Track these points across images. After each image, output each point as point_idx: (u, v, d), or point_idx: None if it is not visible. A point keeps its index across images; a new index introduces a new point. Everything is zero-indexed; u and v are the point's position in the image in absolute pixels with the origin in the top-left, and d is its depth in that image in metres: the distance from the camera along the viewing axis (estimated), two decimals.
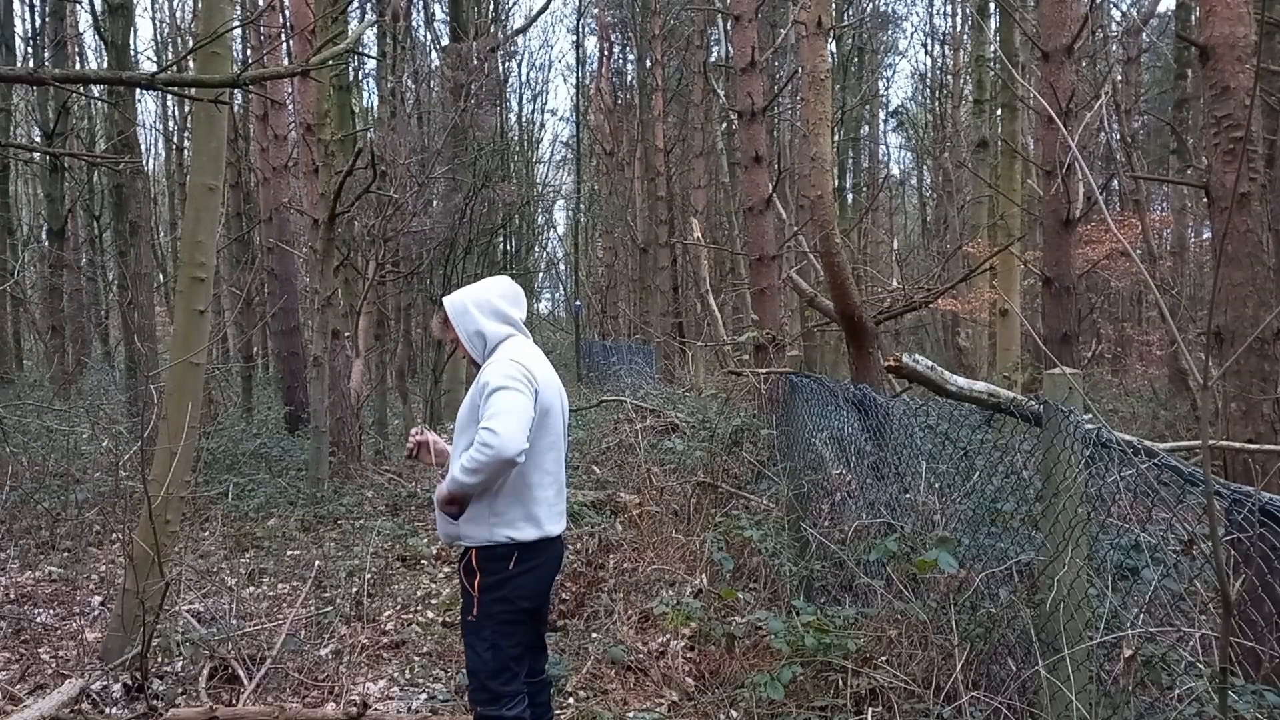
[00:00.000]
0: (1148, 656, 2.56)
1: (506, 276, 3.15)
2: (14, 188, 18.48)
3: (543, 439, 2.85)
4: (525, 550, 2.82)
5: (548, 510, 2.88)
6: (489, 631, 2.84)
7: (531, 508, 2.84)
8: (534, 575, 2.87)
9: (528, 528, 2.83)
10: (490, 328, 2.97)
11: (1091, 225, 12.78)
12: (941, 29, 26.11)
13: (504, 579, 2.82)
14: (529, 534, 2.83)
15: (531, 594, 2.88)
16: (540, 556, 2.87)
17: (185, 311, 4.49)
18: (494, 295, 3.02)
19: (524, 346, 2.96)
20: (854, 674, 3.40)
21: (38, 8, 16.80)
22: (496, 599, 2.82)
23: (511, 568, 2.81)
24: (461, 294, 3.06)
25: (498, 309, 2.99)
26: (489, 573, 2.82)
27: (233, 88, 4.23)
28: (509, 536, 2.80)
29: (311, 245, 9.71)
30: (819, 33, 5.50)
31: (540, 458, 2.85)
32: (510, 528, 2.81)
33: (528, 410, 2.73)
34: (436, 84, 17.78)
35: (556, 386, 2.96)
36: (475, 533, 2.84)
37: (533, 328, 12.90)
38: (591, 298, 33.55)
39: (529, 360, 2.87)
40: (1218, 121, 4.09)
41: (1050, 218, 6.88)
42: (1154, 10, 17.14)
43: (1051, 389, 2.76)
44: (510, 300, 3.03)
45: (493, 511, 2.81)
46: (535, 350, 3.00)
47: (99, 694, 4.13)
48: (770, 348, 7.73)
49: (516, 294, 3.07)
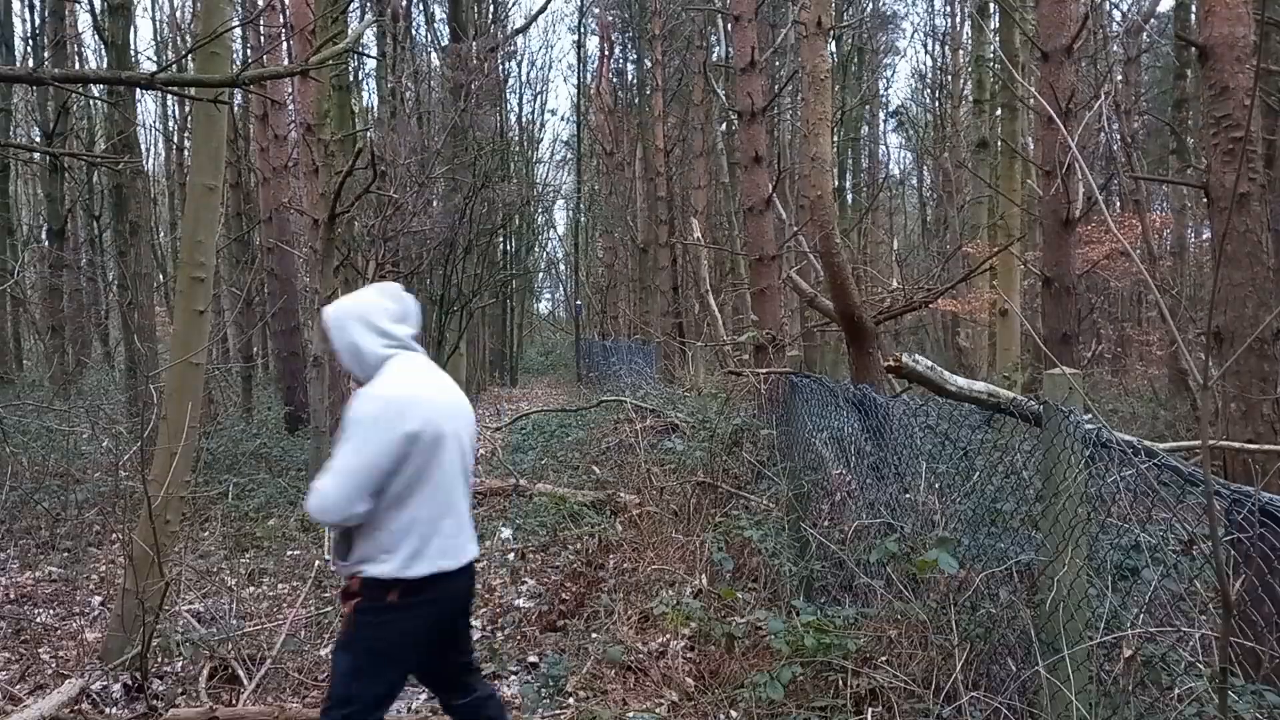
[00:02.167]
0: (1148, 656, 2.56)
1: (396, 284, 2.79)
2: (14, 188, 18.47)
3: (430, 471, 2.55)
4: (410, 586, 2.53)
5: (441, 544, 2.58)
6: (356, 661, 2.57)
7: (418, 544, 2.54)
8: (419, 614, 2.57)
9: (419, 565, 2.54)
10: (370, 344, 2.63)
11: (1091, 225, 12.78)
12: (941, 29, 26.14)
13: (383, 608, 2.54)
14: (419, 570, 2.53)
15: (418, 630, 2.59)
16: (429, 595, 2.57)
17: (185, 311, 4.49)
18: (377, 307, 2.67)
19: (409, 367, 2.63)
20: (854, 674, 3.40)
21: (38, 8, 16.81)
22: (372, 624, 2.56)
23: (394, 601, 2.53)
24: (341, 304, 2.69)
25: (379, 323, 2.65)
26: (368, 599, 2.55)
27: (232, 87, 4.23)
28: (393, 574, 2.52)
29: (311, 245, 9.71)
30: (819, 33, 5.50)
31: (426, 490, 2.55)
32: (397, 564, 2.52)
33: (369, 468, 2.45)
34: (436, 84, 17.79)
35: (448, 410, 2.63)
36: (360, 566, 2.57)
37: (533, 328, 12.94)
38: (591, 298, 33.56)
39: (408, 387, 2.56)
40: (1217, 122, 4.09)
41: (1050, 218, 6.88)
42: (1154, 10, 17.14)
43: (1051, 389, 2.75)
44: (397, 313, 2.69)
45: (379, 547, 2.54)
46: (424, 369, 2.68)
47: (99, 694, 4.13)
48: (770, 348, 7.73)
49: (405, 305, 2.73)
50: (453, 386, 2.75)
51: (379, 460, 2.46)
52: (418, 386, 2.58)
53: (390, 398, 2.51)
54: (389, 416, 2.47)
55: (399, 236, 10.45)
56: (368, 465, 2.45)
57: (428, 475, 2.54)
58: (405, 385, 2.56)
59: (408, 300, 2.74)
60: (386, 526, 2.52)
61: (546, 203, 32.95)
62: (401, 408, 2.50)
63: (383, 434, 2.46)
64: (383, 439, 2.46)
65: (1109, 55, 15.86)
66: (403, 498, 2.52)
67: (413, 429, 2.49)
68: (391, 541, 2.52)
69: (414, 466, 2.52)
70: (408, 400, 2.52)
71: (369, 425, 2.47)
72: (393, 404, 2.50)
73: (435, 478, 2.56)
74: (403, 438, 2.47)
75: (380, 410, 2.49)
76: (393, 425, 2.47)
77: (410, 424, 2.49)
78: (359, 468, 2.45)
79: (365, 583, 2.55)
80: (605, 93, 29.04)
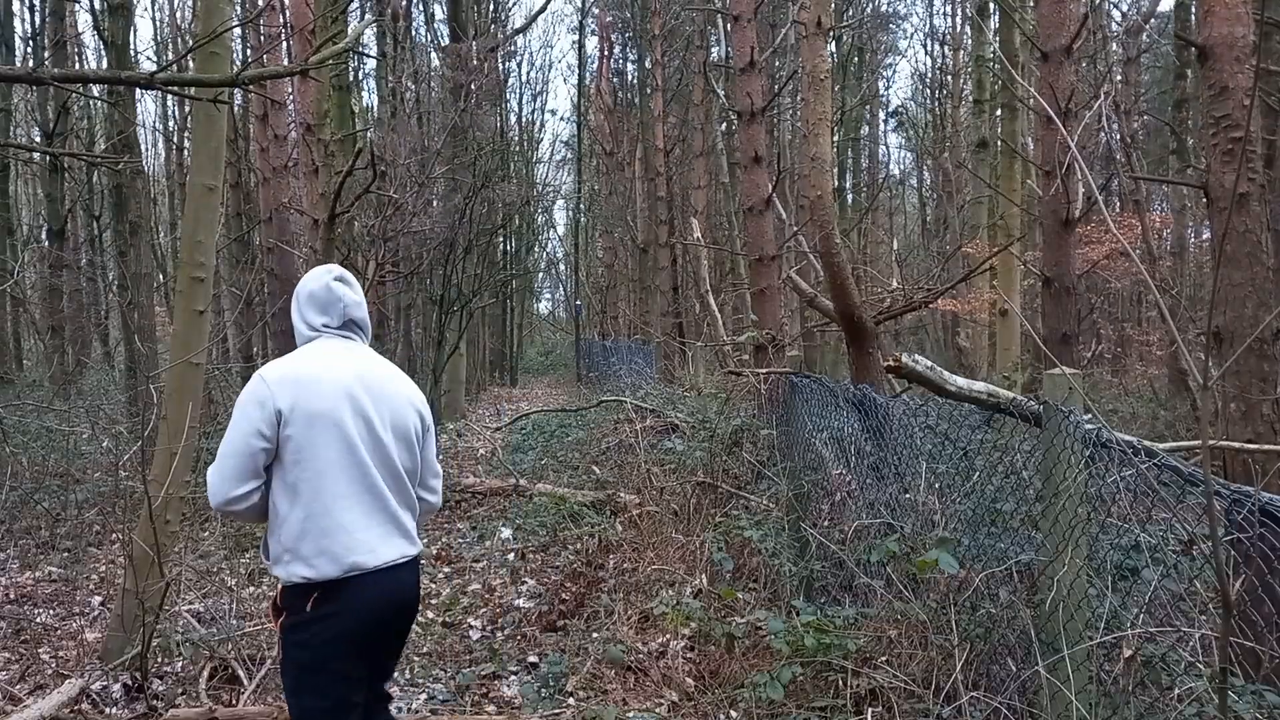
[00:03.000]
0: (1148, 656, 2.56)
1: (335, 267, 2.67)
2: (14, 188, 18.46)
3: (319, 455, 2.36)
4: (326, 590, 2.35)
5: (352, 540, 2.36)
6: (292, 679, 2.43)
7: (326, 540, 2.35)
8: (340, 620, 2.36)
9: (324, 564, 2.34)
10: (299, 326, 2.59)
11: (1091, 225, 12.78)
12: (941, 29, 26.16)
13: (303, 621, 2.37)
14: (328, 571, 2.34)
15: (339, 640, 2.37)
16: (348, 596, 2.36)
17: (185, 311, 4.49)
18: (305, 289, 2.60)
19: (321, 349, 2.51)
20: (854, 674, 3.40)
21: (38, 8, 16.80)
22: (296, 643, 2.39)
23: (310, 609, 2.36)
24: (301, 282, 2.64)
25: (305, 308, 2.59)
26: (291, 611, 2.39)
27: (232, 87, 4.23)
28: (303, 575, 2.35)
29: (311, 245, 9.71)
30: (819, 33, 5.50)
31: (325, 478, 2.36)
32: (303, 564, 2.35)
33: (237, 450, 2.34)
34: (436, 84, 17.80)
35: (350, 390, 2.43)
36: (274, 567, 2.43)
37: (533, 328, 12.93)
38: (591, 298, 33.57)
39: (294, 366, 2.43)
40: (1216, 122, 4.09)
41: (1050, 218, 6.88)
42: (1154, 10, 17.14)
43: (1051, 389, 2.75)
44: (321, 298, 2.57)
45: (282, 545, 2.38)
46: (340, 351, 2.53)
47: (99, 694, 4.13)
48: (770, 348, 7.73)
49: (330, 291, 2.58)
50: (381, 372, 2.57)
51: (246, 440, 2.34)
52: (309, 366, 2.43)
53: (264, 375, 2.40)
54: (259, 395, 2.36)
55: (399, 236, 10.44)
56: (236, 446, 2.35)
57: (317, 460, 2.36)
58: (291, 364, 2.44)
59: (338, 285, 2.59)
60: (284, 519, 2.38)
61: (546, 203, 32.97)
62: (273, 386, 2.37)
63: (249, 412, 2.36)
64: (249, 417, 2.35)
65: (1109, 55, 15.86)
66: (295, 487, 2.36)
67: (281, 406, 2.34)
68: (291, 537, 2.36)
69: (294, 449, 2.35)
70: (283, 378, 2.38)
71: (240, 404, 2.39)
72: (265, 382, 2.38)
73: (328, 463, 2.37)
74: (268, 416, 2.34)
75: (252, 388, 2.39)
76: (261, 403, 2.35)
77: (280, 401, 2.34)
78: (228, 450, 2.36)
79: (284, 592, 2.41)
80: (605, 93, 29.05)
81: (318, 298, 2.56)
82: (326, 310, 2.56)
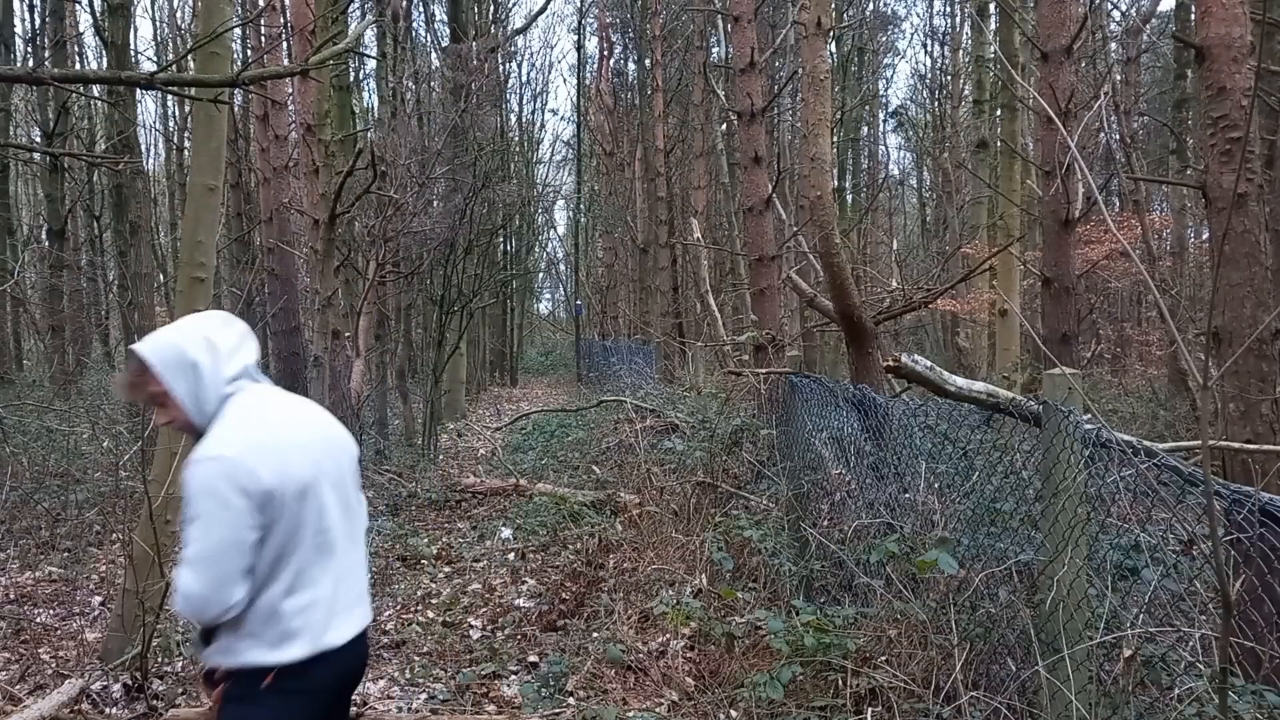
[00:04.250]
0: (1148, 656, 2.56)
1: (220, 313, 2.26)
2: (14, 188, 18.49)
3: (301, 531, 2.08)
4: (286, 672, 2.07)
5: (322, 618, 2.11)
6: None
7: (293, 621, 2.07)
8: (297, 702, 2.11)
9: (293, 648, 2.07)
10: (206, 388, 2.10)
11: (1091, 225, 12.78)
12: (941, 29, 26.16)
13: (252, 702, 2.08)
14: (293, 654, 2.06)
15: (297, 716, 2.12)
16: (309, 678, 2.11)
17: (185, 311, 4.49)
18: (210, 334, 2.15)
19: (254, 405, 2.13)
20: (854, 674, 3.40)
21: (38, 8, 16.82)
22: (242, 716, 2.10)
23: (267, 687, 2.08)
24: (163, 338, 2.12)
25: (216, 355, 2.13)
26: (237, 688, 2.09)
27: (232, 87, 4.23)
28: (262, 662, 2.06)
29: (312, 245, 9.71)
30: (819, 33, 5.50)
31: (298, 555, 2.08)
32: (264, 649, 2.06)
33: (227, 549, 1.97)
34: (437, 84, 17.80)
35: (314, 448, 2.15)
36: (220, 657, 2.10)
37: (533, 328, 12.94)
38: (591, 298, 33.58)
39: (254, 432, 2.06)
40: (1214, 122, 4.10)
41: (1050, 218, 6.88)
42: (1154, 10, 17.15)
43: (1051, 389, 2.76)
44: (233, 340, 2.18)
45: (239, 633, 2.07)
46: (274, 402, 2.18)
47: (99, 694, 4.13)
48: (770, 348, 7.74)
49: (237, 329, 2.21)
50: (316, 415, 2.27)
51: (236, 535, 1.98)
52: (267, 429, 2.09)
53: (233, 454, 2.00)
54: (236, 477, 1.97)
55: (399, 236, 10.45)
56: (224, 546, 1.97)
57: (298, 538, 2.08)
58: (250, 432, 2.06)
59: (238, 324, 2.24)
60: (252, 608, 2.06)
61: (546, 203, 32.98)
62: (251, 464, 2.00)
63: (228, 500, 1.96)
64: (230, 506, 1.97)
65: (1109, 55, 15.87)
66: (271, 572, 2.06)
67: (269, 486, 2.00)
68: (254, 623, 2.06)
69: (282, 532, 2.05)
70: (256, 451, 2.02)
71: (212, 495, 1.97)
72: (238, 462, 1.99)
73: (308, 538, 2.09)
74: (257, 500, 1.99)
75: (222, 469, 1.98)
76: (242, 489, 1.97)
77: (265, 480, 2.00)
78: (214, 551, 1.97)
79: (232, 672, 2.09)
80: (605, 93, 29.04)
81: (220, 342, 2.14)
82: (241, 346, 2.19)
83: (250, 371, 2.20)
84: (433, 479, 9.16)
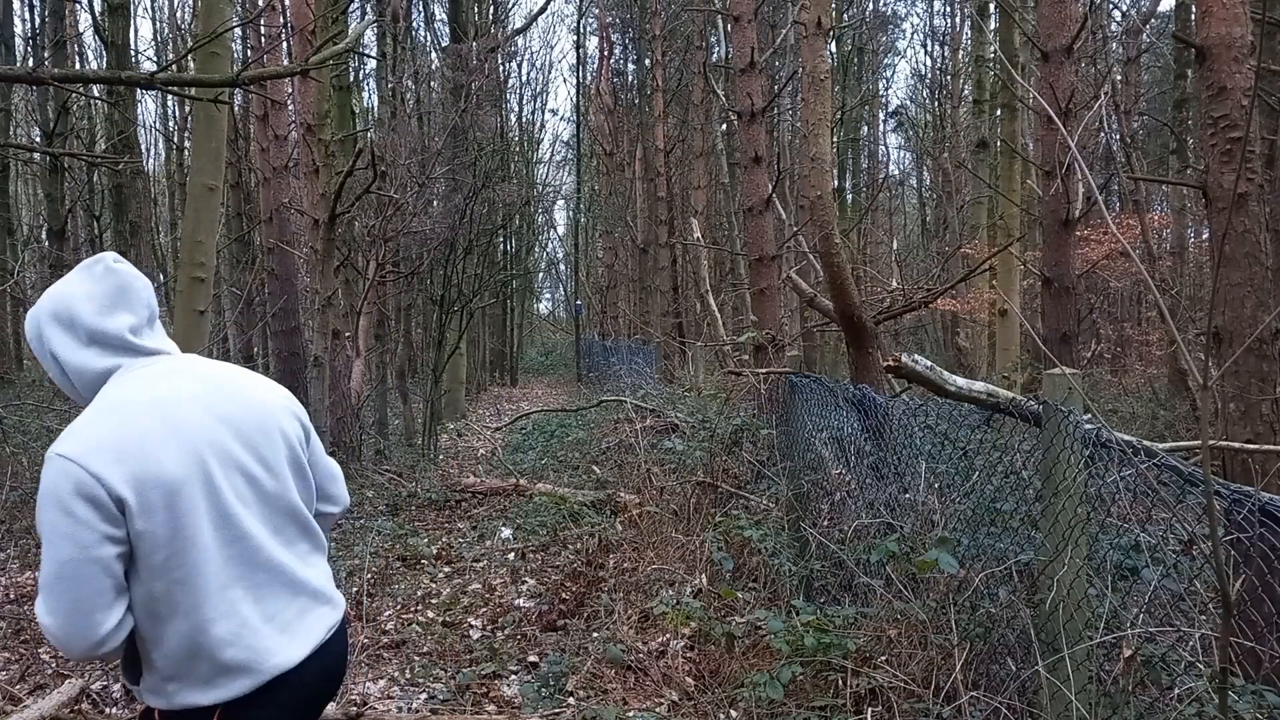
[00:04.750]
0: (1148, 656, 2.56)
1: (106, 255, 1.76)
2: (14, 188, 18.49)
3: (194, 539, 1.64)
4: (236, 706, 1.70)
5: (261, 639, 1.72)
6: None
7: (224, 653, 1.67)
8: None
9: (234, 683, 1.69)
10: (77, 358, 1.70)
11: (1091, 225, 12.80)
12: (941, 29, 26.18)
13: None
14: (240, 688, 1.70)
15: None
16: (266, 705, 1.73)
17: (185, 311, 4.50)
18: (76, 296, 1.71)
19: (126, 391, 1.68)
20: (853, 674, 3.40)
21: (38, 8, 16.82)
22: None
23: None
24: (39, 304, 1.74)
25: (85, 321, 1.70)
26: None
27: (232, 87, 4.23)
28: (198, 703, 1.69)
29: (312, 245, 9.72)
30: (819, 33, 5.50)
31: (205, 571, 1.65)
32: (200, 689, 1.69)
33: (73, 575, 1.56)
34: (436, 84, 17.80)
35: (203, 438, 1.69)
36: (151, 698, 1.73)
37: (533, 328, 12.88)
38: (591, 298, 33.59)
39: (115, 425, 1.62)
40: (1214, 122, 4.10)
41: (1050, 218, 6.88)
42: (1154, 10, 17.14)
43: (1051, 389, 2.76)
44: (105, 296, 1.71)
45: (163, 673, 1.70)
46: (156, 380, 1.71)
47: (99, 694, 4.13)
48: (770, 348, 7.74)
49: (117, 280, 1.73)
50: (233, 386, 1.80)
51: (86, 552, 1.56)
52: (128, 419, 1.63)
53: (72, 454, 1.57)
54: (79, 485, 1.56)
55: (399, 236, 10.46)
56: (75, 565, 1.56)
57: (193, 553, 1.64)
58: (103, 425, 1.62)
59: (121, 274, 1.74)
60: (159, 639, 1.67)
61: (546, 203, 33.00)
62: (96, 466, 1.57)
63: (73, 512, 1.56)
64: (75, 518, 1.56)
65: (1109, 55, 15.87)
66: (167, 595, 1.64)
67: (122, 494, 1.57)
68: (175, 661, 1.68)
69: (152, 546, 1.61)
70: (106, 449, 1.59)
71: (55, 504, 1.56)
72: (79, 464, 1.56)
73: (210, 549, 1.66)
74: (106, 511, 1.57)
75: (61, 479, 1.56)
76: (88, 498, 1.56)
77: (115, 486, 1.57)
78: (64, 573, 1.57)
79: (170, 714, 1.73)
80: (605, 93, 29.05)
81: (97, 294, 1.71)
82: (119, 302, 1.72)
83: (131, 342, 1.72)
84: (433, 479, 9.17)
